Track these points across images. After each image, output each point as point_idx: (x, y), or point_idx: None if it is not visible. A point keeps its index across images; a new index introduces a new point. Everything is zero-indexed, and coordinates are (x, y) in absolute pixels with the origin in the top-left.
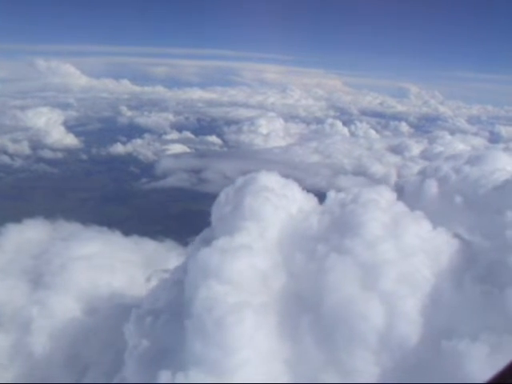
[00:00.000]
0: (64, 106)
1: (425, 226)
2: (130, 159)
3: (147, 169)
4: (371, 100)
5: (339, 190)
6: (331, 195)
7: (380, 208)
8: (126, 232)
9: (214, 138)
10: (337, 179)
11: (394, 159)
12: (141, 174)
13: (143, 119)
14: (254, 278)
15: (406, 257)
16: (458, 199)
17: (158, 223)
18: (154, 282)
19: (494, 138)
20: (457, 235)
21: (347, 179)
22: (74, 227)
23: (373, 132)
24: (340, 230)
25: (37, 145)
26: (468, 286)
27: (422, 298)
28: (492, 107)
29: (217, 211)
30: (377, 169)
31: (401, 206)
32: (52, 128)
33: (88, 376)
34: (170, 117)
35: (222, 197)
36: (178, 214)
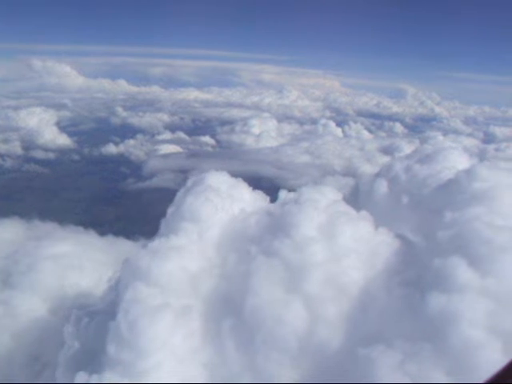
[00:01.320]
0: (59, 107)
1: (364, 227)
2: (122, 160)
3: (138, 169)
4: (367, 101)
5: None
6: (282, 195)
7: (318, 208)
8: (105, 232)
9: (207, 139)
10: (324, 180)
11: (384, 160)
12: (131, 175)
13: (136, 119)
14: (182, 280)
15: (337, 259)
16: (405, 199)
17: (137, 223)
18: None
19: (489, 139)
20: (400, 236)
21: (334, 180)
22: (49, 227)
23: (365, 133)
24: (273, 231)
25: (29, 145)
26: (396, 289)
27: (347, 302)
28: (489, 108)
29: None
30: (366, 169)
31: (342, 206)
32: (44, 128)
33: (44, 376)
34: (165, 117)
35: (176, 198)
36: (160, 214)
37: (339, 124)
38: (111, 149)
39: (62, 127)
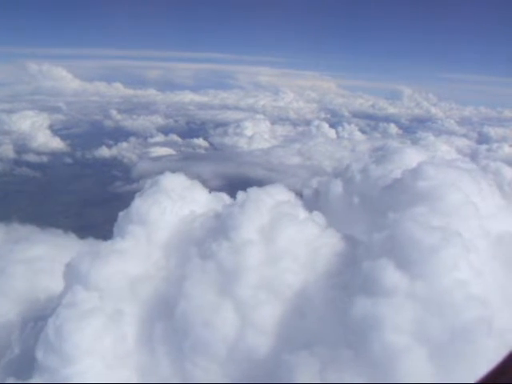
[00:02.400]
0: (53, 110)
1: (309, 229)
2: (114, 162)
3: (130, 172)
4: (363, 102)
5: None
6: (239, 196)
7: (260, 210)
8: (87, 235)
9: (200, 141)
10: (312, 181)
11: None
12: (122, 178)
13: (130, 122)
14: (122, 284)
15: (273, 262)
16: (358, 199)
17: None
18: None
19: (483, 139)
20: (348, 237)
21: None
22: (28, 230)
23: (358, 134)
24: (213, 233)
25: (21, 148)
26: (328, 293)
27: (279, 306)
28: (485, 109)
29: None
30: None
31: (288, 208)
32: (37, 131)
33: None
34: (159, 120)
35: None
36: None
37: (334, 125)
38: (104, 152)
39: (55, 130)
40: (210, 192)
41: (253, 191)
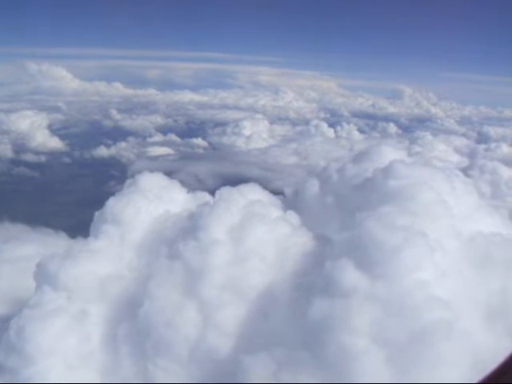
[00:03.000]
0: (52, 110)
1: (280, 228)
2: (112, 162)
3: (127, 172)
4: (363, 102)
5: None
6: (217, 195)
7: (230, 210)
8: (77, 235)
9: (199, 141)
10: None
11: None
12: (118, 177)
13: (128, 122)
14: (91, 285)
15: (239, 262)
16: (331, 199)
17: None
18: None
19: (482, 139)
20: (320, 237)
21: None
22: (19, 229)
23: (356, 133)
24: (183, 233)
25: (20, 148)
26: (292, 294)
27: (243, 307)
28: (485, 108)
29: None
30: None
31: (261, 207)
32: (36, 131)
33: None
34: (159, 119)
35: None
36: None
37: (333, 125)
38: (102, 151)
39: (54, 130)
40: (206, 191)
41: (226, 191)
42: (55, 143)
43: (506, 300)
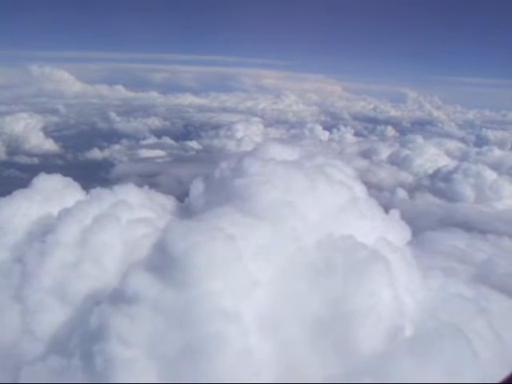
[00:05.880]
0: (51, 112)
1: (134, 231)
2: (105, 164)
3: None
4: (365, 105)
5: None
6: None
7: (86, 211)
8: None
9: (194, 143)
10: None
11: (361, 163)
12: (102, 180)
13: (123, 124)
14: None
15: (74, 266)
16: (203, 200)
17: None
18: None
19: (481, 142)
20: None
21: None
22: None
23: (349, 136)
24: (37, 235)
25: (14, 150)
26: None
27: (63, 313)
28: (489, 112)
29: None
30: None
31: (121, 210)
32: (30, 133)
33: None
34: (157, 122)
35: None
36: None
37: (331, 128)
38: (96, 154)
39: (49, 132)
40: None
41: (95, 192)
42: (49, 145)
43: (339, 310)
